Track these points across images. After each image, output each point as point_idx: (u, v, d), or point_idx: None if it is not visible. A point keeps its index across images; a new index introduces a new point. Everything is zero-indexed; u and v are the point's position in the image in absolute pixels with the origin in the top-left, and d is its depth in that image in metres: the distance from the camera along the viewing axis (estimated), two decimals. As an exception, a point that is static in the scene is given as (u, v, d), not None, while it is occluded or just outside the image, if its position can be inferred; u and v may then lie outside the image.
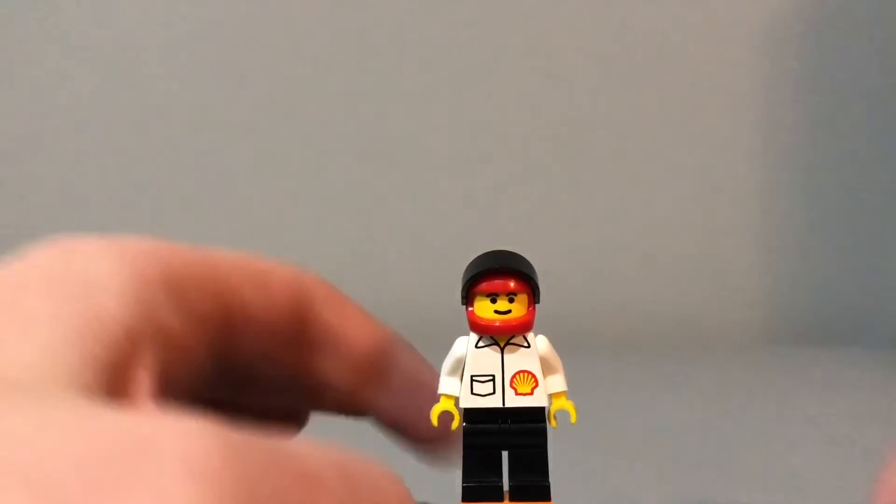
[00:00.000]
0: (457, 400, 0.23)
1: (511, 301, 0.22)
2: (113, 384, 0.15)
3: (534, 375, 0.23)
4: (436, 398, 0.23)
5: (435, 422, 0.23)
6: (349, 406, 0.22)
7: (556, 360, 0.23)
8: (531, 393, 0.23)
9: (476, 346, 0.23)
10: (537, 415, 0.23)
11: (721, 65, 1.03)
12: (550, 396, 0.23)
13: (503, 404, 0.23)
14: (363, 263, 0.99)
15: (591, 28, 1.03)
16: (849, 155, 1.03)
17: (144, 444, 0.11)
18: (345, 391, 0.21)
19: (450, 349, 0.24)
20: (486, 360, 0.23)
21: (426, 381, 0.23)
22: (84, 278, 0.16)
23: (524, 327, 0.23)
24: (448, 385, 0.23)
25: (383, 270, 0.99)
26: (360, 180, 1.03)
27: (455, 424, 0.23)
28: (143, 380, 0.15)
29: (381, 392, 0.22)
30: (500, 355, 0.23)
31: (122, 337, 0.15)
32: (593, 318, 0.90)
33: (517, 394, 0.23)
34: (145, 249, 0.17)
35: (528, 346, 0.23)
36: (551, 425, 0.23)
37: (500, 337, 0.23)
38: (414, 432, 0.23)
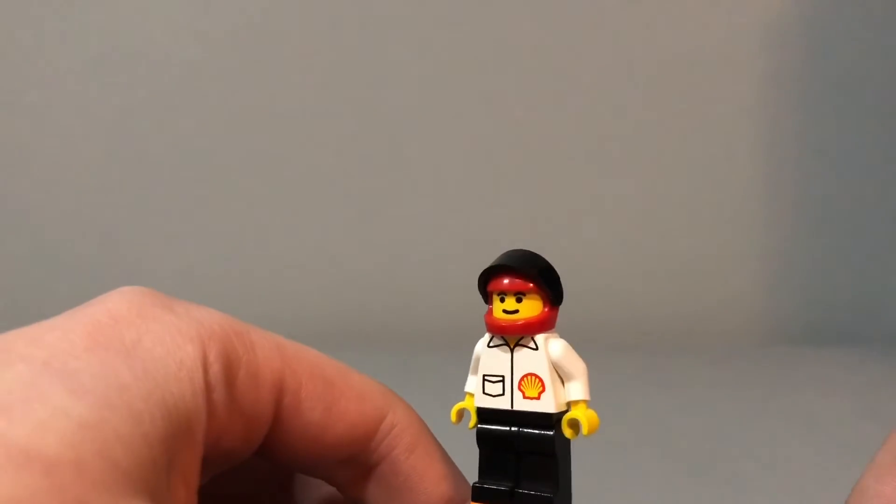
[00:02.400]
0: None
1: (519, 301, 0.22)
2: (177, 479, 0.16)
3: (541, 380, 0.22)
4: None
5: (454, 418, 0.22)
6: None
7: (574, 367, 0.22)
8: (538, 398, 0.22)
9: (488, 346, 0.22)
10: (545, 421, 0.22)
11: (722, 67, 1.03)
12: (569, 404, 0.22)
13: (511, 406, 0.22)
14: (383, 268, 0.99)
15: (592, 31, 1.03)
16: (848, 157, 1.03)
17: None
18: None
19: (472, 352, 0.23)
20: (496, 360, 0.22)
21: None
22: (161, 357, 0.16)
23: (529, 328, 0.22)
24: (471, 383, 0.23)
25: (403, 274, 0.99)
26: (372, 186, 1.03)
27: (472, 423, 0.22)
28: (192, 470, 0.16)
29: None
30: (509, 356, 0.22)
31: (185, 426, 0.16)
32: (594, 319, 0.90)
33: (525, 397, 0.22)
34: (211, 331, 0.18)
35: (536, 349, 0.22)
36: (567, 435, 0.22)
37: (511, 337, 0.22)
38: None
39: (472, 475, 0.23)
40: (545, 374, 0.22)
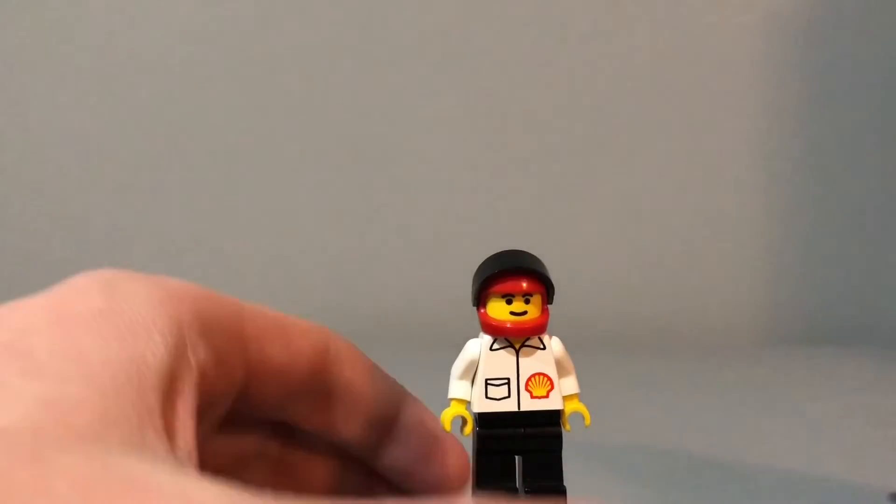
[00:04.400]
0: (468, 404, 0.22)
1: (527, 302, 0.22)
2: (160, 430, 0.16)
3: (549, 378, 0.22)
4: (448, 450, 0.22)
5: (448, 427, 0.22)
6: (365, 458, 0.23)
7: (568, 362, 0.23)
8: (547, 396, 0.22)
9: (491, 349, 0.22)
10: (553, 418, 0.22)
11: (723, 66, 1.03)
12: (563, 399, 0.22)
13: (518, 408, 0.22)
14: (370, 267, 0.99)
15: (591, 30, 1.03)
16: (849, 157, 1.03)
17: None
18: (360, 445, 0.22)
19: (459, 352, 0.23)
20: (501, 362, 0.22)
21: (435, 434, 0.23)
22: (130, 321, 0.16)
23: (540, 329, 0.22)
24: (459, 389, 0.23)
25: (390, 274, 0.98)
26: (367, 184, 1.03)
27: (468, 430, 0.22)
28: (185, 423, 0.17)
29: (393, 446, 0.22)
30: (515, 358, 0.22)
31: (166, 381, 0.16)
32: (594, 319, 0.90)
33: (533, 397, 0.22)
34: (179, 293, 0.18)
35: (544, 348, 0.22)
36: (565, 428, 0.23)
37: (516, 339, 0.22)
38: (423, 483, 0.23)
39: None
40: (553, 373, 0.22)
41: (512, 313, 0.22)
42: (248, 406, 0.20)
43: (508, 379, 0.22)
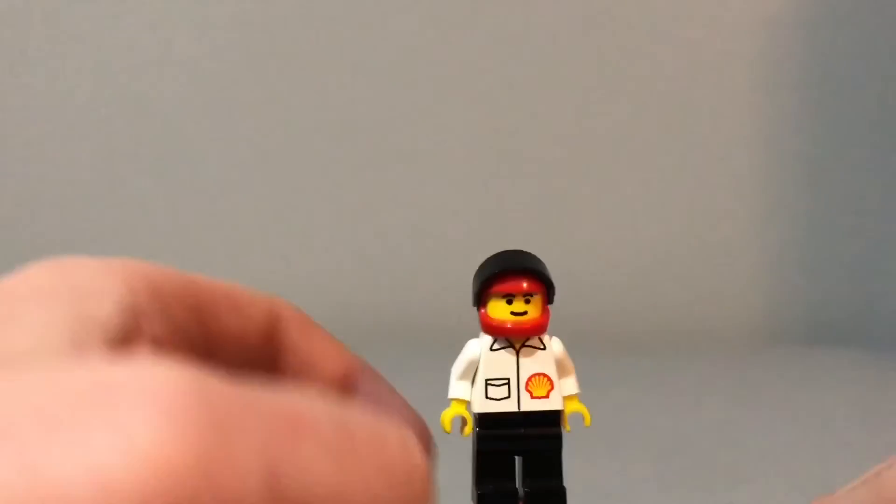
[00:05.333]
0: (468, 404, 0.23)
1: (527, 302, 0.22)
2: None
3: (549, 378, 0.22)
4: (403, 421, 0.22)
5: (447, 427, 0.22)
6: None
7: (569, 362, 0.23)
8: (547, 396, 0.22)
9: (491, 349, 0.22)
10: (553, 419, 0.22)
11: (721, 65, 1.03)
12: (563, 399, 0.23)
13: (518, 408, 0.22)
14: (370, 267, 0.99)
15: (591, 28, 1.03)
16: (848, 156, 1.03)
17: (112, 386, 0.11)
18: None
19: (459, 352, 0.23)
20: (501, 362, 0.22)
21: (392, 405, 0.23)
22: (76, 287, 0.16)
23: (540, 329, 0.22)
24: (459, 389, 0.23)
25: (391, 273, 0.98)
26: (366, 184, 1.03)
27: (468, 430, 0.22)
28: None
29: None
30: (515, 358, 0.22)
31: (117, 333, 0.15)
32: (593, 319, 0.90)
33: (533, 397, 0.22)
34: (132, 266, 0.18)
35: (544, 349, 0.22)
36: (565, 429, 0.23)
37: (516, 339, 0.22)
38: None
39: (457, 481, 0.23)
40: (553, 373, 0.22)
41: (512, 313, 0.22)
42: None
43: (508, 379, 0.22)
